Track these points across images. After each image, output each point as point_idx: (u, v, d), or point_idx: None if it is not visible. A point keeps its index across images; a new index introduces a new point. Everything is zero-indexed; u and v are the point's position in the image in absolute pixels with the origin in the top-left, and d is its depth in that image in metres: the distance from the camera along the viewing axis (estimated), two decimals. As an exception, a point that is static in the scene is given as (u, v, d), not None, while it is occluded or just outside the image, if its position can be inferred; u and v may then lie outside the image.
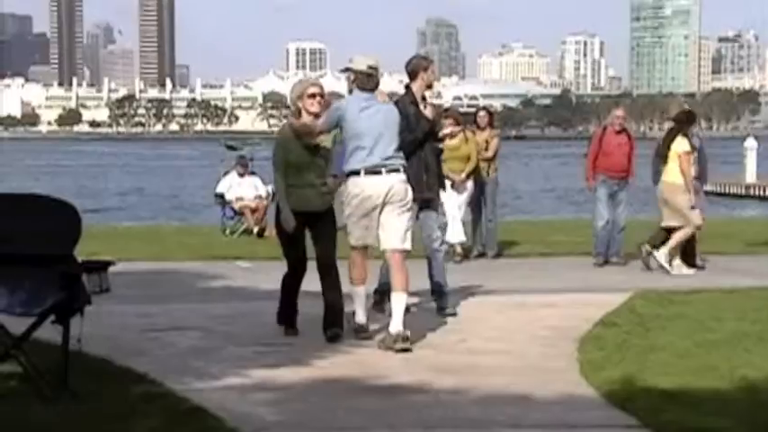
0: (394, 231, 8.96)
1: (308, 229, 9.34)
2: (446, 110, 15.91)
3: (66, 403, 6.51)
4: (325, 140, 9.30)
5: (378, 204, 8.93)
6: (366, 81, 9.10)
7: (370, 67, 9.14)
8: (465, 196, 15.29)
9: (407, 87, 10.38)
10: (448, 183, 13.70)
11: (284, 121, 10.28)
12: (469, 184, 15.33)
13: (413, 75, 10.34)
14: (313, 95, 9.24)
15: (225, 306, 10.93)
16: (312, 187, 9.19)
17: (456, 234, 15.05)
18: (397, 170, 8.97)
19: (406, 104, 10.09)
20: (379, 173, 8.91)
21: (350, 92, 9.34)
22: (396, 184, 8.95)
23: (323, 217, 9.24)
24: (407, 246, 9.09)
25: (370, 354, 8.53)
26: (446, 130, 10.83)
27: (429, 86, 10.47)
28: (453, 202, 14.90)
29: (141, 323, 9.79)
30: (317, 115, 9.16)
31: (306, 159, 9.19)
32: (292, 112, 9.49)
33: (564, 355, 8.39)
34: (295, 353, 8.46)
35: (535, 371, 7.92)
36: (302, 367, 7.94)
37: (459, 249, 15.24)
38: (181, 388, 7.10)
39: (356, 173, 8.94)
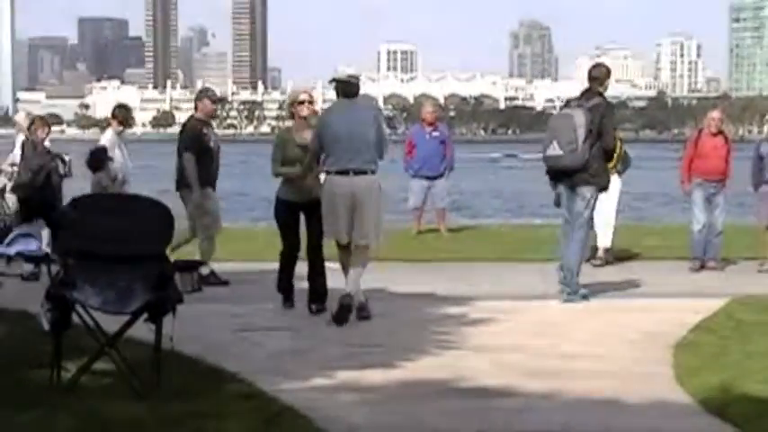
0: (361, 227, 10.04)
1: (304, 216, 10.64)
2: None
3: (158, 401, 6.55)
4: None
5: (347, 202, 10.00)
6: (348, 88, 10.26)
7: (351, 76, 10.48)
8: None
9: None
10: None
11: None
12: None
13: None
14: (302, 102, 10.76)
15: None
16: (306, 180, 10.48)
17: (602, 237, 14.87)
18: (364, 172, 10.05)
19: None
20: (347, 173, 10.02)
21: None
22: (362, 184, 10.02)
23: (315, 207, 10.27)
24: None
25: (461, 356, 8.46)
26: None
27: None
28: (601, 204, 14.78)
29: (232, 323, 9.83)
30: (305, 118, 10.68)
31: (301, 156, 10.49)
32: (287, 115, 11.19)
33: (658, 361, 8.24)
34: (384, 355, 8.43)
35: (628, 375, 7.79)
36: (391, 369, 7.90)
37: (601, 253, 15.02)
38: (271, 388, 7.11)
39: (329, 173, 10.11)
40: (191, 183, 12.30)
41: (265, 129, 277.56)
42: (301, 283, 10.75)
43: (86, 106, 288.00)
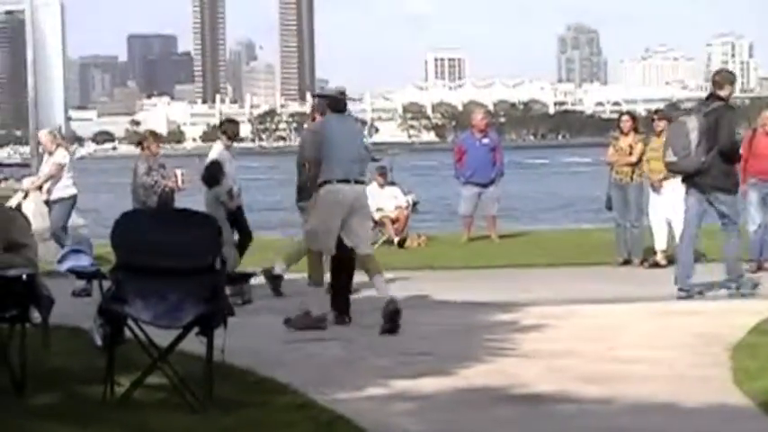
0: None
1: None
2: (656, 111, 15.81)
3: (211, 413, 6.55)
4: None
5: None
6: (338, 104, 10.69)
7: (341, 93, 10.90)
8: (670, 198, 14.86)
9: None
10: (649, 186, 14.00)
11: (422, 131, 11.51)
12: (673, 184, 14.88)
13: None
14: None
15: (366, 317, 10.89)
16: None
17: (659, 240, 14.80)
18: (362, 182, 10.53)
19: None
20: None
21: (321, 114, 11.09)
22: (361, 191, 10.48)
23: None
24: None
25: (514, 363, 8.40)
26: None
27: None
28: (658, 206, 14.71)
29: (283, 334, 9.83)
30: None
31: None
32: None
33: (715, 364, 8.14)
34: (436, 363, 8.38)
35: (685, 379, 7.70)
36: (444, 377, 7.86)
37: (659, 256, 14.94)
38: (323, 398, 7.09)
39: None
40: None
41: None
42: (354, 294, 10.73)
43: (137, 123, 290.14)
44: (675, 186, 13.63)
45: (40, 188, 15.51)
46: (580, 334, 9.63)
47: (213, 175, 12.61)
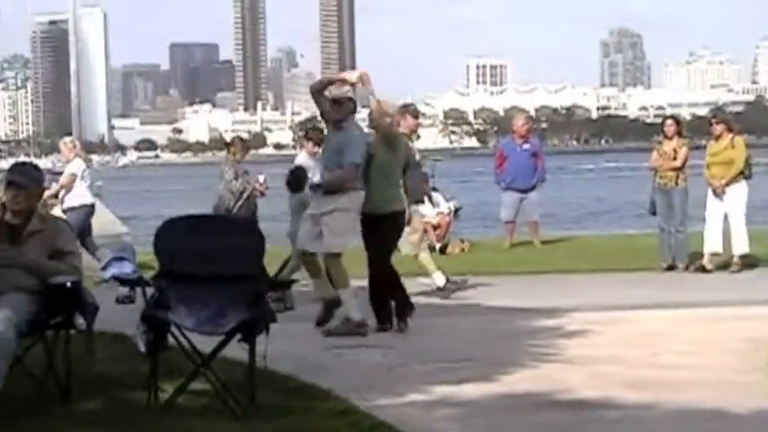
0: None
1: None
2: (714, 115, 15.65)
3: (253, 419, 6.56)
4: None
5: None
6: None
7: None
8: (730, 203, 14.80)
9: None
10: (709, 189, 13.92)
11: (464, 137, 11.24)
12: (736, 189, 14.83)
13: None
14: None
15: (408, 322, 10.89)
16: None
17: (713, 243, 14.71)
18: None
19: None
20: None
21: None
22: None
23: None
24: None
25: (557, 369, 8.37)
26: None
27: None
28: (717, 210, 14.62)
29: (325, 340, 9.85)
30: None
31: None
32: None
33: (760, 369, 8.06)
34: (479, 369, 8.36)
35: (730, 385, 7.63)
36: (487, 383, 7.84)
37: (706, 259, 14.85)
38: (364, 404, 7.08)
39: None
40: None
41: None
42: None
43: (179, 131, 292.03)
44: (736, 191, 13.56)
45: (56, 197, 15.46)
46: (624, 340, 9.57)
47: (298, 179, 12.67)
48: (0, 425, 6.37)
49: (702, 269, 14.69)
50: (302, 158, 13.47)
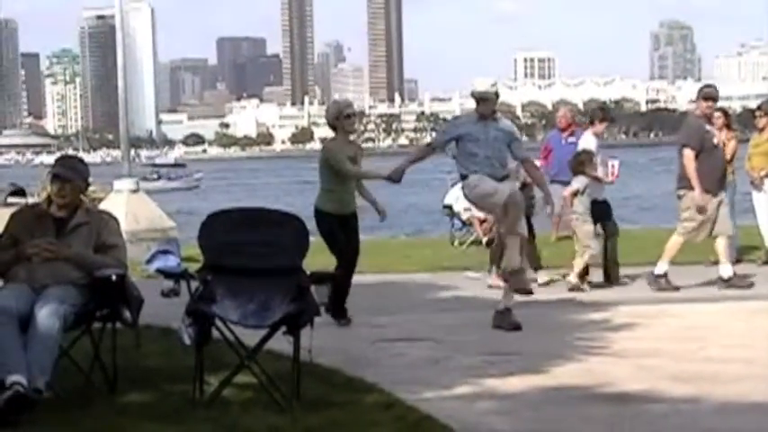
0: None
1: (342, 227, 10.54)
2: (758, 106, 15.54)
3: (298, 413, 6.58)
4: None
5: None
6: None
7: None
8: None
9: None
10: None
11: None
12: None
13: None
14: (348, 116, 10.78)
15: (454, 316, 10.89)
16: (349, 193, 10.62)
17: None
18: None
19: None
20: None
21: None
22: None
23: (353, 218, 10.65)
24: None
25: (603, 362, 8.32)
26: None
27: None
28: (763, 202, 14.53)
29: (370, 334, 9.85)
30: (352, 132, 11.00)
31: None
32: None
33: (809, 363, 7.98)
34: (525, 362, 8.33)
35: (778, 379, 7.56)
36: (532, 375, 7.81)
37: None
38: (410, 397, 7.07)
39: None
40: (691, 182, 12.30)
41: (403, 141, 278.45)
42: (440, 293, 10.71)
43: (226, 125, 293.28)
44: None
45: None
46: (671, 333, 9.51)
47: (581, 162, 12.85)
48: (49, 417, 6.42)
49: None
50: (589, 141, 13.73)
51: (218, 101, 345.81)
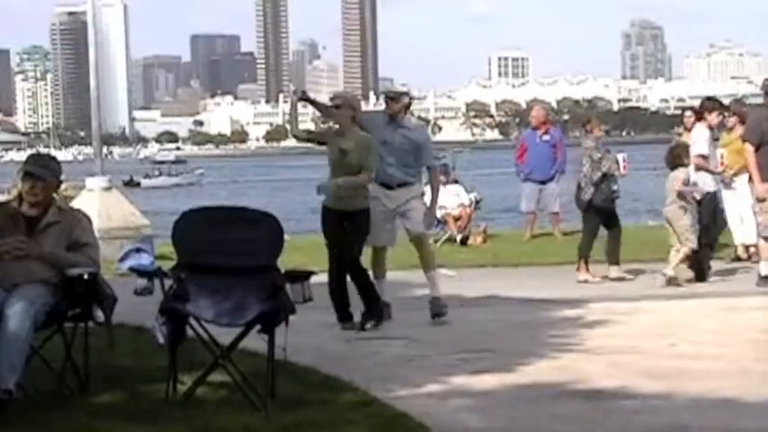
0: None
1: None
2: (727, 106, 15.64)
3: (273, 411, 6.57)
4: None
5: None
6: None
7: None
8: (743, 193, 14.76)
9: None
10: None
11: (486, 129, 11.25)
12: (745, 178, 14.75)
13: None
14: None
15: (428, 315, 10.88)
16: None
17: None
18: None
19: None
20: None
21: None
22: None
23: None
24: None
25: (576, 359, 8.36)
26: None
27: None
28: (731, 201, 14.59)
29: (345, 332, 9.85)
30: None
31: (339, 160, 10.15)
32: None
33: (780, 359, 8.03)
34: (499, 359, 8.35)
35: (749, 375, 7.61)
36: (506, 374, 7.83)
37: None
38: (385, 396, 7.08)
39: None
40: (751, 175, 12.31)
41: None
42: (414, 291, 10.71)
43: (200, 123, 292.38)
44: (746, 181, 13.43)
45: None
46: (644, 330, 9.56)
47: (677, 156, 12.82)
48: (20, 418, 6.39)
49: (738, 259, 14.64)
50: (701, 135, 13.49)
51: (192, 98, 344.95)
